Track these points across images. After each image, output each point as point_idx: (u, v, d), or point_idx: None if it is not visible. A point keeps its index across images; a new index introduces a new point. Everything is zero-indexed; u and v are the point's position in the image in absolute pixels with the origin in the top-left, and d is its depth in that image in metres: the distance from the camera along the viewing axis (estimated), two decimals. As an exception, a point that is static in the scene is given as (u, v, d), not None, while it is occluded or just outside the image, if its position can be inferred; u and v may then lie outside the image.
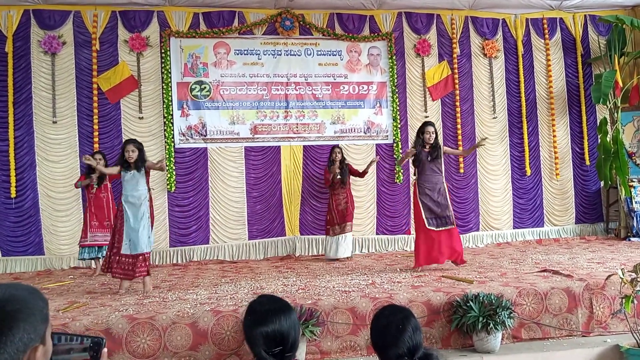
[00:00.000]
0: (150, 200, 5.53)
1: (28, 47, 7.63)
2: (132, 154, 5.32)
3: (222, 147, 8.09)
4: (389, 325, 1.95)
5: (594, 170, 8.99)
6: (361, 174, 7.61)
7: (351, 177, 7.63)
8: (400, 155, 6.39)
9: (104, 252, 6.51)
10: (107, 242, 6.34)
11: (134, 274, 5.27)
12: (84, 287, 5.83)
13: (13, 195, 7.43)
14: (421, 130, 6.21)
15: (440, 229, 6.01)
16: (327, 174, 7.54)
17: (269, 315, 1.84)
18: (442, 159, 6.28)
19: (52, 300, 5.03)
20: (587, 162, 9.13)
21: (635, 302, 4.25)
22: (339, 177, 7.44)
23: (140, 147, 5.44)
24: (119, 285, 5.35)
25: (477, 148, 7.32)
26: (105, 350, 1.29)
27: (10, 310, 1.11)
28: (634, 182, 8.57)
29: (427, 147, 6.14)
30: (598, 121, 8.89)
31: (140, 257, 5.27)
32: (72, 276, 6.69)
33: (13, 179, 7.43)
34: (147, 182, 5.48)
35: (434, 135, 6.14)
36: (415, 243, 6.23)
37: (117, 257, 5.30)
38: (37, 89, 7.64)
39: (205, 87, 8.09)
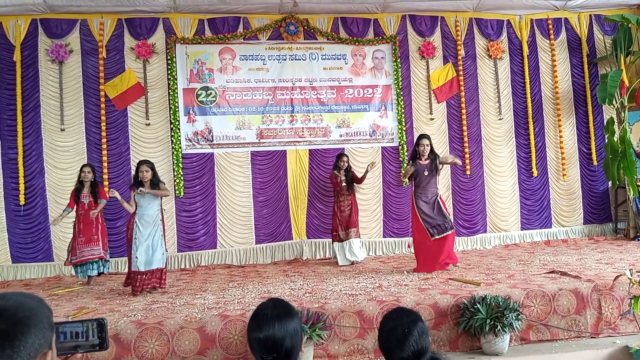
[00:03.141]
0: (162, 220, 5.79)
1: (36, 55, 7.71)
2: (146, 174, 5.62)
3: (229, 152, 8.13)
4: (395, 329, 1.95)
5: (601, 171, 8.93)
6: (359, 180, 7.55)
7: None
8: (405, 168, 6.55)
9: (94, 268, 6.53)
10: (95, 257, 6.46)
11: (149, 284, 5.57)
12: (93, 293, 5.88)
13: (22, 202, 7.50)
14: (416, 144, 6.39)
15: (437, 237, 6.18)
16: (333, 179, 7.53)
17: (265, 321, 1.82)
18: (439, 172, 6.39)
19: (62, 307, 5.07)
20: (595, 162, 9.08)
21: (644, 302, 4.23)
22: (344, 184, 7.42)
23: (152, 167, 5.74)
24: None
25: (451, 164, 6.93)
26: None
27: (22, 316, 1.14)
28: (642, 181, 8.51)
29: (423, 159, 6.23)
30: (605, 121, 8.84)
31: (157, 271, 5.58)
32: (80, 282, 6.73)
33: (22, 187, 7.51)
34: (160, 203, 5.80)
35: (429, 148, 6.25)
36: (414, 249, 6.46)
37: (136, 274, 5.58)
38: (45, 97, 7.72)
39: (211, 93, 8.13)
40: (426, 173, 6.25)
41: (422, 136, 6.45)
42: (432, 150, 6.32)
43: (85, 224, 6.53)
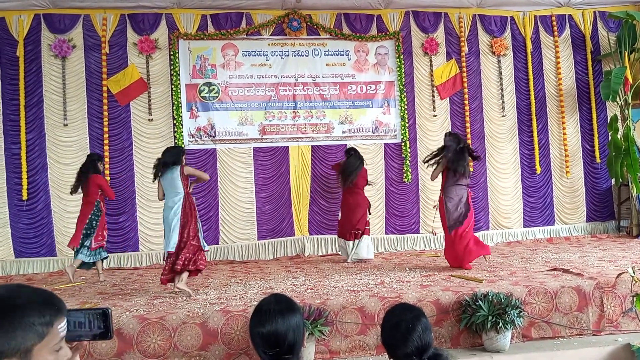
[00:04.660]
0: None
1: (39, 51, 7.72)
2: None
3: (231, 148, 8.13)
4: (399, 324, 1.95)
5: (604, 168, 8.91)
6: None
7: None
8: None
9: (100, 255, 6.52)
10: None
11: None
12: (95, 288, 5.90)
13: (25, 197, 7.52)
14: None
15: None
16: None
17: (267, 316, 1.83)
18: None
19: (64, 302, 5.08)
20: (598, 160, 9.05)
21: (646, 300, 4.22)
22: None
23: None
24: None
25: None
26: None
27: None
28: (645, 179, 8.48)
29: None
30: (608, 118, 8.81)
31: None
32: (83, 277, 6.75)
33: (25, 182, 7.53)
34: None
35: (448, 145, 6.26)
36: (469, 244, 6.11)
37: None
38: (48, 92, 7.73)
39: (213, 89, 8.13)
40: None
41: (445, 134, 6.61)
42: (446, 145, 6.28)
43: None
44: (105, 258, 6.71)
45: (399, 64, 8.52)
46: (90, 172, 6.51)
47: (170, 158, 5.40)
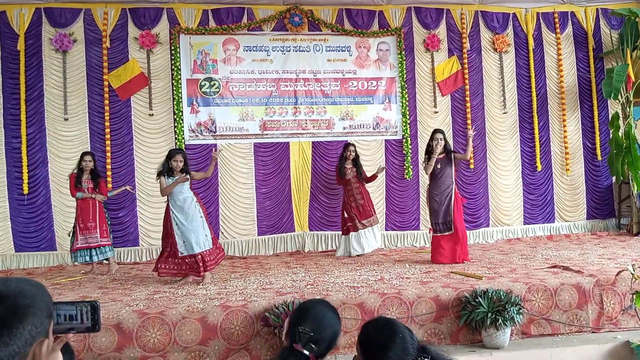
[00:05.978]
0: (199, 200, 5.76)
1: (40, 45, 7.71)
2: (179, 164, 5.64)
3: (232, 144, 8.13)
4: (392, 338, 1.85)
5: (605, 166, 8.91)
6: (369, 179, 7.46)
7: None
8: (426, 166, 6.56)
9: (96, 255, 6.54)
10: (91, 245, 6.47)
11: (195, 271, 5.53)
12: (96, 283, 5.90)
13: (25, 191, 7.53)
14: (430, 138, 6.43)
15: (445, 234, 6.30)
16: (337, 172, 7.48)
17: (318, 309, 1.95)
18: (453, 166, 6.38)
19: (64, 296, 5.10)
20: (599, 158, 9.04)
21: (646, 298, 4.22)
22: (348, 177, 7.30)
23: (185, 156, 5.77)
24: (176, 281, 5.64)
25: (469, 144, 6.50)
26: None
27: (21, 304, 1.14)
28: (646, 177, 8.47)
29: (437, 153, 6.32)
30: (610, 116, 8.81)
31: (199, 257, 5.48)
32: (83, 271, 6.76)
33: (25, 176, 7.53)
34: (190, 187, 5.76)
35: (443, 142, 6.29)
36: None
37: (172, 259, 5.58)
38: (49, 86, 7.72)
39: (214, 84, 8.12)
40: (439, 166, 6.32)
41: (435, 131, 6.49)
42: (446, 144, 6.36)
43: (83, 210, 6.53)
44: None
45: (400, 60, 8.50)
46: None
47: None
